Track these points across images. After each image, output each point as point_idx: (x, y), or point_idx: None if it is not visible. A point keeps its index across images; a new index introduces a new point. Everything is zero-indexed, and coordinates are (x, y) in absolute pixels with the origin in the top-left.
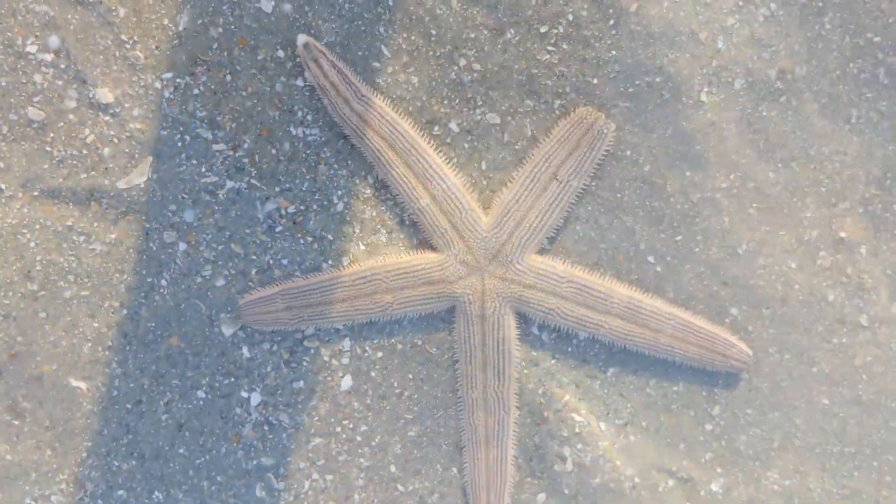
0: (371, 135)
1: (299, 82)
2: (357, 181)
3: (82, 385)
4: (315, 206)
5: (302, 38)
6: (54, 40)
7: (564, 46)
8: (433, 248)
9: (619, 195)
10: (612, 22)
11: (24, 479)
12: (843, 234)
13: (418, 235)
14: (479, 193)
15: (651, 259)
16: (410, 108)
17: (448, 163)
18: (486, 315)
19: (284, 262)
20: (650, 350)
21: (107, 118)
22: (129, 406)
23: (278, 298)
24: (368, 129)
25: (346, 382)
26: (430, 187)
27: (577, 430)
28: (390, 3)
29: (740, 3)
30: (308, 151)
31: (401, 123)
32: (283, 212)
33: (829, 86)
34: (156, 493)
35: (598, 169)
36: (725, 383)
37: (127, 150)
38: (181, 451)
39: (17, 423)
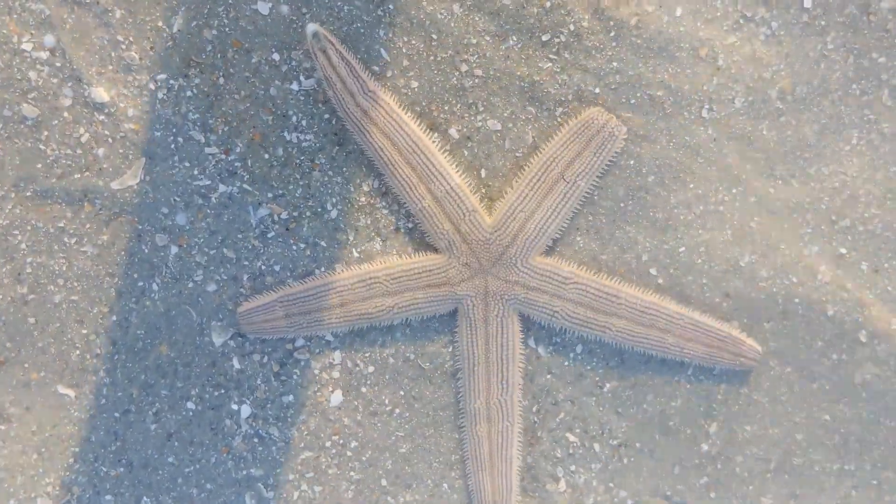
0: (374, 132)
1: (294, 86)
2: (352, 188)
3: (70, 392)
4: (308, 213)
5: (312, 27)
6: (50, 39)
7: (566, 55)
8: (434, 251)
9: (621, 205)
10: (612, 34)
11: (10, 481)
12: (843, 251)
13: (414, 244)
14: (479, 202)
15: (653, 271)
16: (409, 114)
17: (452, 163)
18: (489, 318)
19: (277, 267)
20: (658, 351)
21: (102, 118)
22: (117, 415)
23: (277, 306)
24: (372, 125)
25: (336, 398)
26: (433, 188)
27: (570, 451)
28: (390, 6)
29: (741, 22)
30: (302, 157)
31: (406, 122)
32: (275, 217)
33: (830, 106)
34: (144, 498)
35: (600, 178)
36: (725, 397)
37: (121, 151)
38: (170, 459)
39: (2, 427)
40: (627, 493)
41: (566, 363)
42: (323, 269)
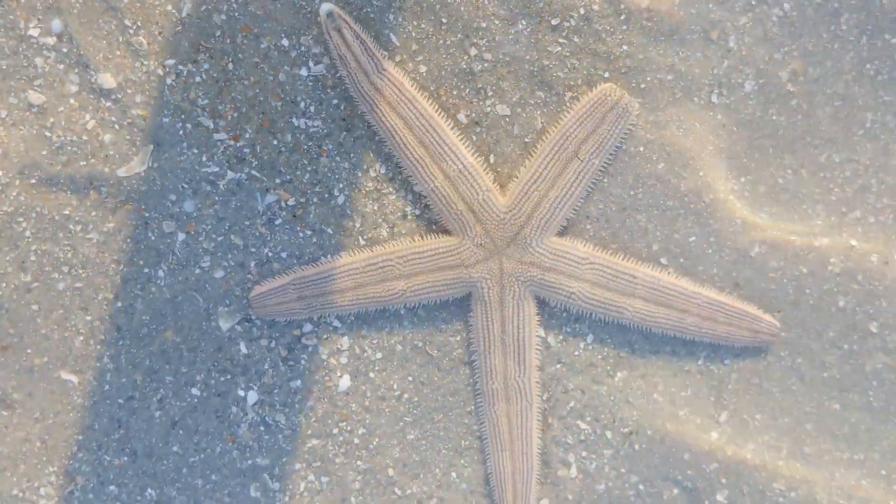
0: (387, 111)
1: (303, 72)
2: (359, 174)
3: (73, 378)
4: (315, 199)
5: (326, 6)
6: (57, 24)
7: (576, 39)
8: (447, 233)
9: (631, 192)
10: (622, 17)
11: (13, 470)
12: (853, 243)
13: (421, 231)
14: (492, 181)
15: (664, 261)
16: (422, 93)
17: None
18: (504, 300)
19: (283, 254)
20: (676, 332)
21: (108, 104)
22: (121, 401)
23: (290, 288)
24: (385, 104)
25: (345, 383)
26: (446, 167)
27: (581, 438)
28: None
29: (753, 2)
30: (310, 143)
31: (419, 100)
32: (283, 204)
33: (843, 88)
34: (148, 490)
35: (610, 165)
36: (735, 387)
37: (128, 138)
38: (175, 448)
39: (6, 414)
40: (639, 478)
41: (576, 353)
42: (329, 256)
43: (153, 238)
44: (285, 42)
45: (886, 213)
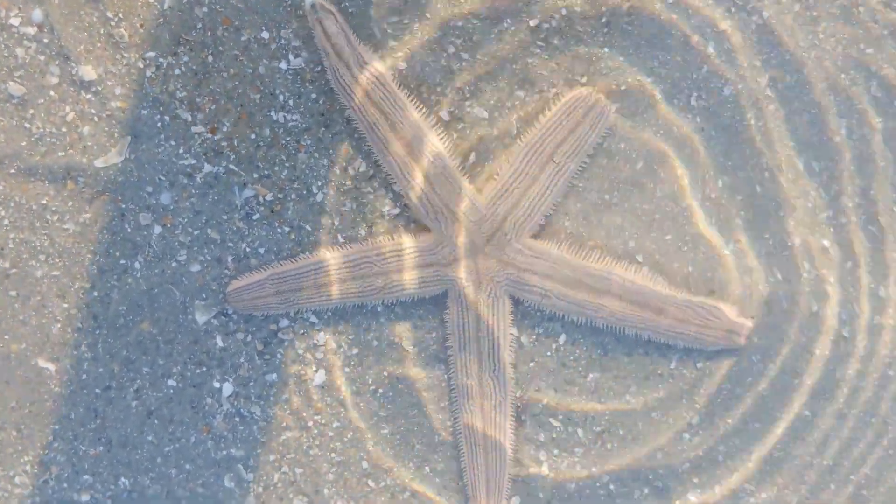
0: (368, 105)
1: (282, 65)
2: (338, 171)
3: (50, 366)
4: (293, 195)
5: None
6: (38, 14)
7: (556, 41)
8: (425, 231)
9: (607, 196)
10: (604, 20)
11: None
12: (825, 243)
13: (399, 230)
14: (470, 182)
15: (640, 258)
16: (405, 91)
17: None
18: (480, 299)
19: (261, 250)
20: (650, 332)
21: (88, 96)
22: (97, 391)
23: (268, 284)
24: (366, 99)
25: (320, 377)
26: (425, 164)
27: (553, 436)
28: None
29: (732, 10)
30: (288, 138)
31: (401, 97)
32: (261, 199)
33: (820, 96)
34: (122, 479)
35: (588, 166)
36: (706, 391)
37: (107, 129)
38: (150, 438)
39: None
40: (610, 477)
41: (548, 353)
42: (308, 253)
43: (129, 230)
44: (265, 35)
45: (860, 214)
